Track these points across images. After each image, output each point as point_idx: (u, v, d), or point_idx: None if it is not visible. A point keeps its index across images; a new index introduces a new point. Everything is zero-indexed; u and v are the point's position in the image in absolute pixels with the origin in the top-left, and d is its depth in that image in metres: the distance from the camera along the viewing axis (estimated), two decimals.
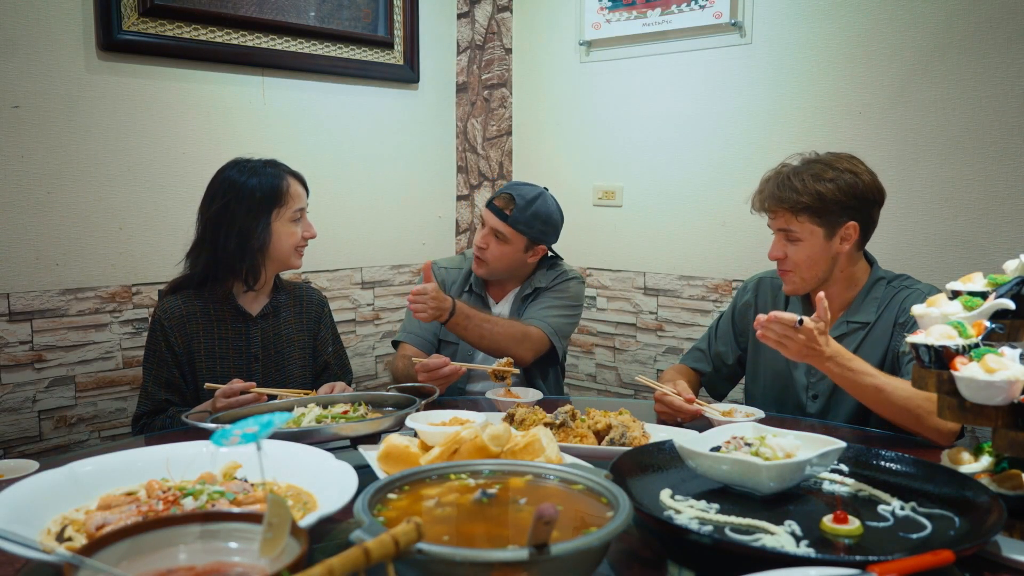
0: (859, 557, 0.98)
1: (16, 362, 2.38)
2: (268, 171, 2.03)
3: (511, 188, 2.33)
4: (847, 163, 1.89)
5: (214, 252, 2.00)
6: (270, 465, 1.14)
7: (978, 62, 2.29)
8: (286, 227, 2.03)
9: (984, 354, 1.15)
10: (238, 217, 1.98)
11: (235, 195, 1.99)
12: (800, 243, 1.89)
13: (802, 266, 1.90)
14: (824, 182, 1.85)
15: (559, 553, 0.87)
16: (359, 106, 3.13)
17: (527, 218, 2.28)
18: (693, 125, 2.90)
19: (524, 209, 2.28)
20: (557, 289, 2.38)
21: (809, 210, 1.85)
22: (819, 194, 1.84)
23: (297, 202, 2.05)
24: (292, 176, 2.07)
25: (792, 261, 1.91)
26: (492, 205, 2.32)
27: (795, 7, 2.62)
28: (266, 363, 2.07)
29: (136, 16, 2.49)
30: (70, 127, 2.43)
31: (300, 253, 2.10)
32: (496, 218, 2.29)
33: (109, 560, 0.83)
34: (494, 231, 2.30)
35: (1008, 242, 2.27)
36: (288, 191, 2.03)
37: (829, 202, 1.85)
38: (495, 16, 3.43)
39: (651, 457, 1.39)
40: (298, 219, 2.06)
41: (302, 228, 2.07)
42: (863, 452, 1.41)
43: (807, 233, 1.88)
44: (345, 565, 0.74)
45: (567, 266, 2.46)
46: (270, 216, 2.01)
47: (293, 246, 2.06)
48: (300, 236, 2.06)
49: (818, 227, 1.87)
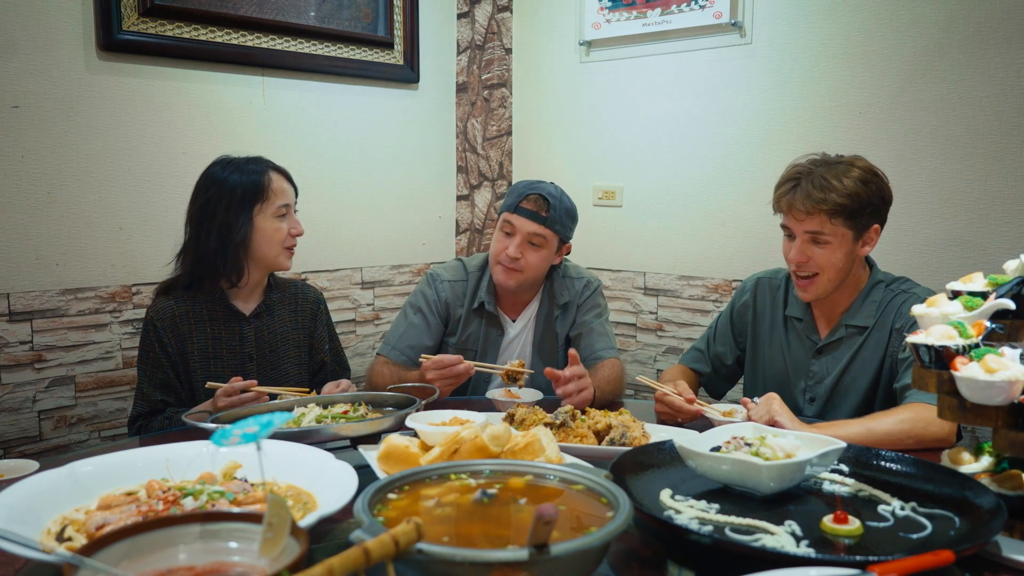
0: (859, 557, 0.98)
1: (16, 362, 2.38)
2: (250, 167, 2.00)
3: (532, 188, 2.15)
4: (864, 163, 1.86)
5: (197, 251, 1.99)
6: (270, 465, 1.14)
7: (978, 62, 2.29)
8: (270, 223, 1.99)
9: (984, 354, 1.15)
10: (218, 213, 1.96)
11: (216, 192, 1.97)
12: (828, 246, 1.83)
13: (829, 270, 1.84)
14: (858, 183, 1.80)
15: (559, 553, 0.87)
16: (359, 106, 3.13)
17: (562, 216, 2.14)
18: (693, 125, 2.90)
19: (558, 207, 2.13)
20: (593, 303, 2.26)
21: (845, 212, 1.80)
22: (856, 195, 1.79)
23: (281, 198, 2.01)
24: (276, 171, 2.03)
25: (818, 264, 1.85)
26: (523, 210, 2.12)
27: (795, 7, 2.62)
28: (261, 362, 2.06)
29: (136, 16, 2.49)
30: (70, 127, 2.43)
31: (289, 252, 2.04)
32: (532, 222, 2.11)
33: (109, 560, 0.83)
34: (530, 237, 2.12)
35: (1008, 242, 2.27)
36: (270, 186, 1.99)
37: (863, 204, 1.81)
38: (495, 16, 3.43)
39: (651, 457, 1.39)
40: (283, 215, 2.01)
41: (288, 225, 2.02)
42: (863, 452, 1.41)
43: (838, 236, 1.82)
44: (345, 565, 0.74)
45: (577, 269, 2.33)
46: (252, 211, 1.97)
47: (280, 243, 2.01)
48: (286, 233, 2.01)
49: (849, 230, 1.82)
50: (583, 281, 2.29)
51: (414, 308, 2.25)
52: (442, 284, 2.26)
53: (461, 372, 1.91)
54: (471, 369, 1.93)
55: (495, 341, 2.26)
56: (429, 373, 1.91)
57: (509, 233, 2.15)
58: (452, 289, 2.26)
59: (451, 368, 1.90)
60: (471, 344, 2.25)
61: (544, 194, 2.14)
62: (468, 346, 2.25)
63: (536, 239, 2.13)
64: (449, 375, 1.90)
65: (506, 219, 2.16)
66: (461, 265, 2.31)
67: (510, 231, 2.15)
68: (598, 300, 2.28)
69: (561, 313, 2.26)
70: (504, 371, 1.99)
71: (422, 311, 2.23)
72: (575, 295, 2.27)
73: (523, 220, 2.12)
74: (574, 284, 2.28)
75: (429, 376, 1.91)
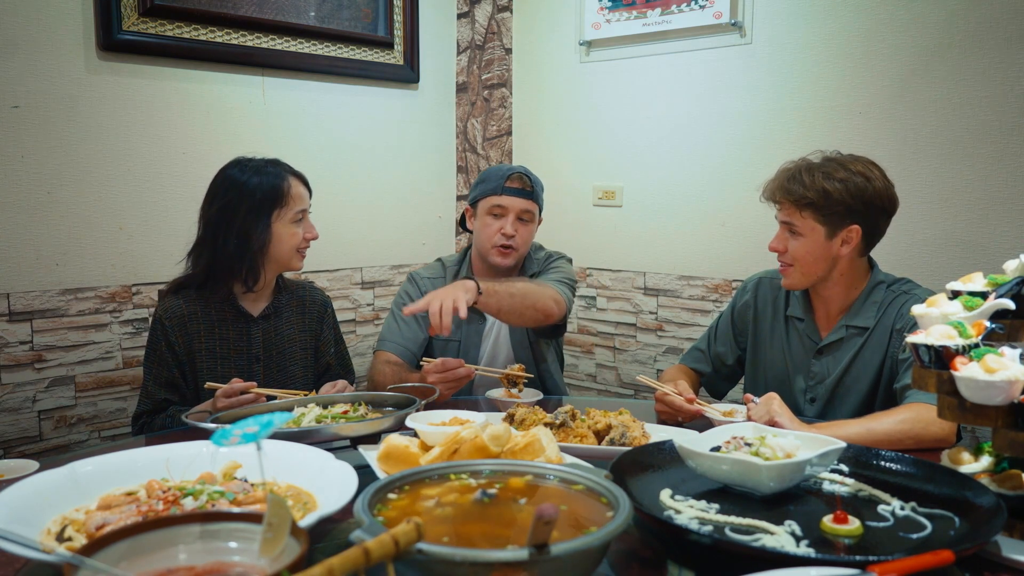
0: (859, 557, 0.98)
1: (16, 362, 2.38)
2: (270, 171, 2.01)
3: (510, 169, 2.27)
4: (862, 166, 1.87)
5: (214, 252, 1.99)
6: (270, 465, 1.14)
7: (978, 62, 2.29)
8: (287, 228, 2.01)
9: (984, 354, 1.15)
10: (238, 217, 1.97)
11: (236, 194, 1.97)
12: (801, 238, 1.88)
13: (800, 261, 1.90)
14: (833, 181, 1.83)
15: (559, 553, 0.87)
16: (359, 106, 3.13)
17: (540, 189, 2.30)
18: (693, 125, 2.90)
19: (536, 182, 2.29)
20: (553, 268, 2.32)
21: (813, 206, 1.84)
22: (825, 192, 1.83)
23: (299, 203, 2.03)
24: (294, 176, 2.04)
25: (792, 255, 1.90)
26: (510, 189, 2.25)
27: (795, 7, 2.62)
28: (267, 364, 2.06)
29: (136, 16, 2.49)
30: (70, 127, 2.43)
31: (302, 255, 2.07)
32: (522, 199, 2.25)
33: (109, 560, 0.83)
34: (521, 214, 2.25)
35: (1008, 242, 2.27)
36: (290, 192, 2.00)
37: (834, 202, 1.83)
38: (495, 16, 3.43)
39: (651, 457, 1.39)
40: (299, 220, 2.04)
41: (304, 229, 2.05)
42: (863, 452, 1.41)
43: (808, 229, 1.87)
44: (345, 565, 0.74)
45: (542, 247, 2.43)
46: (270, 217, 1.98)
47: (294, 247, 2.03)
48: (302, 237, 2.04)
49: (820, 225, 1.86)
50: (545, 253, 2.40)
51: (400, 308, 2.28)
52: (423, 281, 2.36)
53: (462, 376, 1.94)
54: (472, 373, 1.96)
55: (477, 329, 2.32)
56: (431, 376, 1.93)
57: (498, 215, 2.26)
58: (433, 286, 2.29)
59: (453, 372, 1.92)
60: (454, 335, 2.28)
61: (524, 172, 2.28)
62: (452, 337, 2.29)
63: (526, 215, 2.27)
64: (451, 379, 1.93)
65: (494, 203, 2.26)
66: (440, 264, 2.43)
67: (500, 212, 2.26)
68: (560, 265, 2.34)
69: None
70: (504, 375, 2.02)
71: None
72: (541, 265, 2.36)
73: (512, 199, 2.25)
74: (540, 255, 2.39)
75: (431, 379, 1.93)
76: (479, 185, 2.32)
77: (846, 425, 1.64)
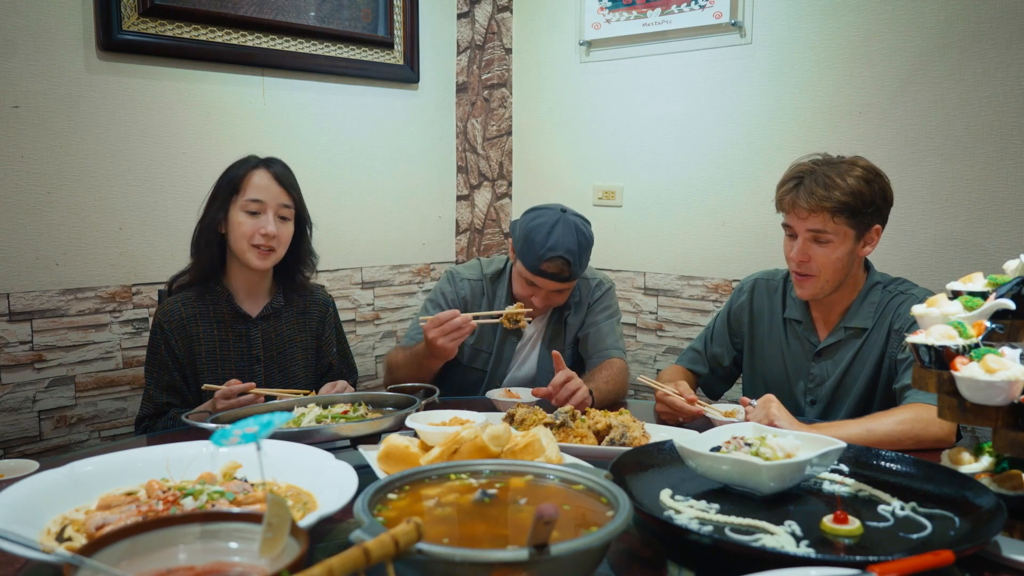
0: (859, 557, 0.98)
1: (16, 362, 2.38)
2: (243, 161, 2.00)
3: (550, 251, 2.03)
4: (865, 163, 1.85)
5: (198, 247, 2.01)
6: (270, 465, 1.14)
7: (978, 62, 2.29)
8: (236, 216, 1.94)
9: (984, 354, 1.15)
10: (208, 208, 1.99)
11: (213, 188, 2.00)
12: (830, 245, 1.82)
13: (827, 269, 1.84)
14: (860, 181, 1.79)
15: (559, 553, 0.87)
16: (359, 106, 3.13)
17: (583, 265, 2.13)
18: (693, 125, 2.90)
19: (577, 264, 2.08)
20: (605, 305, 2.24)
21: (848, 210, 1.79)
22: (859, 193, 1.78)
23: (254, 192, 1.93)
24: (264, 168, 1.97)
25: (818, 264, 1.84)
26: (545, 272, 2.06)
27: (795, 7, 2.62)
28: (268, 364, 2.05)
29: (136, 16, 2.49)
30: (70, 127, 2.43)
31: (261, 252, 1.94)
32: (555, 282, 2.09)
33: (109, 560, 0.83)
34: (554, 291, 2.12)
35: (1008, 242, 2.27)
36: (246, 178, 1.95)
37: (867, 202, 1.80)
38: (495, 16, 3.43)
39: (651, 457, 1.39)
40: (253, 212, 1.93)
41: (259, 223, 1.93)
42: (863, 452, 1.41)
43: (840, 235, 1.81)
44: (345, 565, 0.74)
45: (591, 270, 2.28)
46: (228, 204, 1.96)
47: (246, 238, 1.93)
48: (255, 231, 1.92)
49: (851, 228, 1.81)
50: (595, 281, 2.29)
51: (433, 304, 2.26)
52: (462, 282, 2.27)
53: (460, 324, 1.91)
54: (469, 321, 1.93)
55: (512, 343, 2.27)
56: (430, 333, 1.92)
57: (532, 285, 2.13)
58: (472, 287, 2.26)
59: (449, 323, 1.90)
60: (485, 347, 2.25)
61: (564, 256, 2.05)
62: (483, 348, 2.25)
63: (560, 293, 2.15)
64: (449, 329, 1.91)
65: (528, 277, 2.11)
66: (478, 264, 2.33)
67: (533, 287, 2.12)
68: (610, 301, 2.27)
69: (572, 312, 2.25)
70: (504, 315, 2.00)
71: (440, 307, 2.23)
72: (587, 294, 2.26)
73: (545, 281, 2.10)
74: (588, 283, 2.28)
75: (431, 335, 1.92)
76: (521, 245, 2.11)
77: (846, 425, 1.64)
